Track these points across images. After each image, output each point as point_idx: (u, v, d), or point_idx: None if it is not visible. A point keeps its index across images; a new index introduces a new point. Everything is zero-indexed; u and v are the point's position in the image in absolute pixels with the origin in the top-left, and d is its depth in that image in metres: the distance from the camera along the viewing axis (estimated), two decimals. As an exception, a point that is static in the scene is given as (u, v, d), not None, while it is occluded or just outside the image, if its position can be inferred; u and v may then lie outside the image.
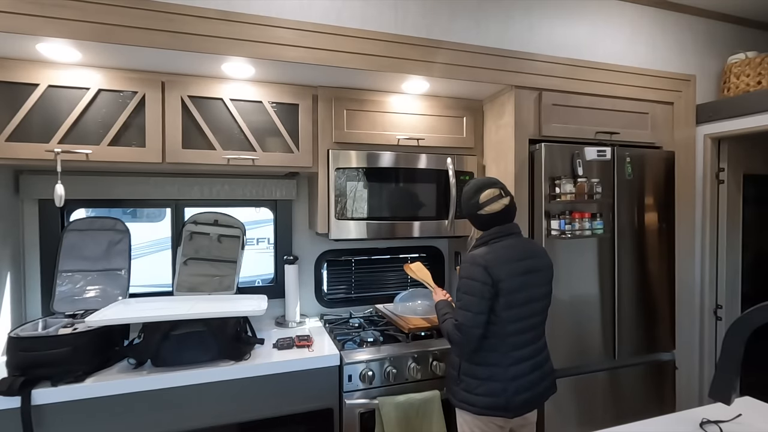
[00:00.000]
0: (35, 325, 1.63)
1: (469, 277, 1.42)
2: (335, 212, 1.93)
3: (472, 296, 1.40)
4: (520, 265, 1.45)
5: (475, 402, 1.43)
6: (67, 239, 1.84)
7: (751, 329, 0.97)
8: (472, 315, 1.39)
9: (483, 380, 1.43)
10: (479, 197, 1.50)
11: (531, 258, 1.49)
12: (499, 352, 1.43)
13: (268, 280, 2.34)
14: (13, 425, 1.36)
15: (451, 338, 1.43)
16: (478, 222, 1.54)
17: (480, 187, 1.52)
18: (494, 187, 1.52)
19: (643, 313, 2.09)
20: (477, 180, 1.57)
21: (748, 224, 2.41)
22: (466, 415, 1.47)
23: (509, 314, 1.42)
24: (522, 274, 1.44)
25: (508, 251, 1.45)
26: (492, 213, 1.49)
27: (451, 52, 1.86)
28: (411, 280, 2.57)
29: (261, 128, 1.87)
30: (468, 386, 1.45)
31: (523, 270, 1.45)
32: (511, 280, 1.41)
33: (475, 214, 1.52)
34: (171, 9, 1.51)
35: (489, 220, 1.50)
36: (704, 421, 1.22)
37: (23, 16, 1.37)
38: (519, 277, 1.43)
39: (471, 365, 1.46)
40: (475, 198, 1.51)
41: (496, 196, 1.50)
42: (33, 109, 1.59)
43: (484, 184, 1.54)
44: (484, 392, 1.42)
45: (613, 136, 2.10)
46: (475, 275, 1.40)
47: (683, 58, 2.34)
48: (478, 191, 1.52)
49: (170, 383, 1.53)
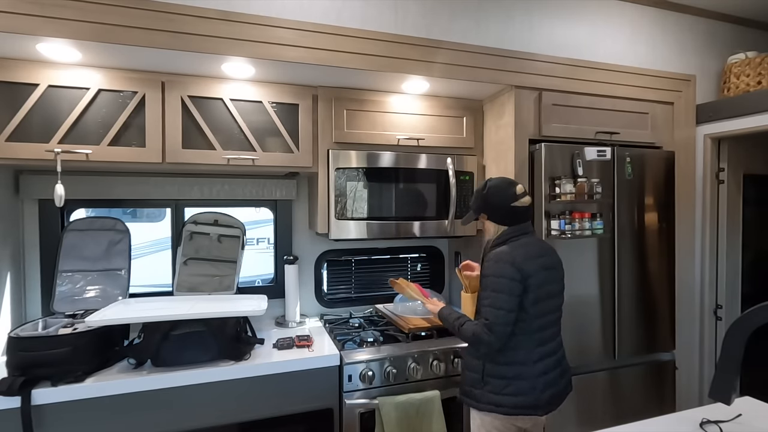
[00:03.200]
0: (35, 325, 1.63)
1: (497, 275, 1.40)
2: (335, 212, 1.93)
3: (502, 293, 1.38)
4: (541, 261, 1.46)
5: (503, 402, 1.41)
6: (67, 239, 1.84)
7: (751, 329, 0.97)
8: (505, 312, 1.37)
9: (510, 379, 1.41)
10: (515, 189, 1.50)
11: (546, 255, 1.50)
12: (525, 349, 1.42)
13: (268, 280, 2.34)
14: (13, 425, 1.35)
15: (480, 339, 1.39)
16: (509, 215, 1.51)
17: (512, 182, 1.54)
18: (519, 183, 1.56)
19: (643, 313, 2.09)
20: (500, 178, 1.57)
21: (748, 224, 2.41)
22: (490, 417, 1.44)
23: (536, 309, 1.42)
24: (544, 269, 1.46)
25: (528, 248, 1.46)
26: (526, 206, 1.51)
27: (451, 52, 1.86)
28: (411, 280, 2.56)
29: (261, 128, 1.87)
30: (494, 388, 1.43)
31: (544, 265, 1.47)
32: (537, 275, 1.42)
33: (509, 206, 1.49)
34: (171, 9, 1.51)
35: (522, 213, 1.50)
36: (704, 421, 1.22)
37: (23, 16, 1.37)
38: (543, 272, 1.45)
39: (496, 366, 1.43)
40: (510, 190, 1.50)
41: (525, 191, 1.53)
42: (33, 109, 1.59)
43: (512, 180, 1.55)
44: (512, 392, 1.40)
45: (613, 136, 2.10)
46: (504, 272, 1.39)
47: (683, 58, 2.34)
48: (511, 184, 1.52)
49: (170, 383, 1.53)
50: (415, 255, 2.58)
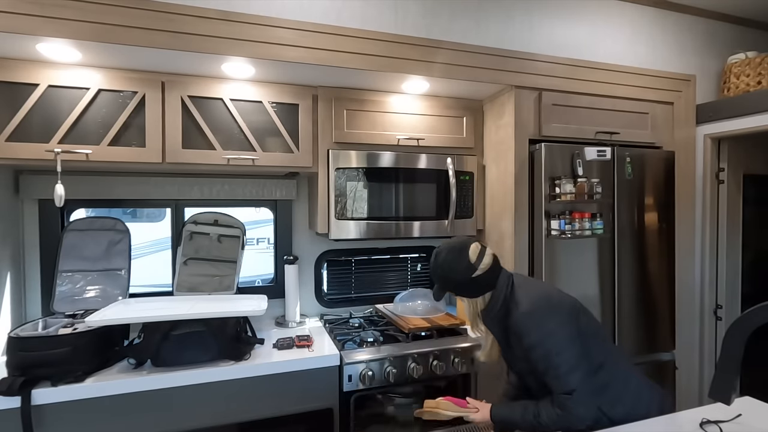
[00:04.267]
0: (35, 325, 1.63)
1: (538, 328, 1.18)
2: (335, 212, 1.93)
3: (563, 350, 1.16)
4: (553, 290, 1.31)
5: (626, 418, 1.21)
6: (67, 239, 1.84)
7: (751, 329, 0.97)
8: (575, 359, 1.16)
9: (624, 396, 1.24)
10: (468, 258, 1.24)
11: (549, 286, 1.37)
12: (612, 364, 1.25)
13: (268, 280, 2.34)
14: (13, 425, 1.35)
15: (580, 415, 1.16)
16: (479, 287, 1.26)
17: (462, 248, 1.27)
18: (473, 242, 1.29)
19: (643, 313, 2.09)
20: (447, 246, 1.29)
21: (748, 224, 2.41)
22: None
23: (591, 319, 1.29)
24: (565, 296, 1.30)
25: (530, 283, 1.30)
26: (490, 267, 1.26)
27: (451, 52, 1.86)
28: (411, 281, 2.57)
29: (261, 128, 1.87)
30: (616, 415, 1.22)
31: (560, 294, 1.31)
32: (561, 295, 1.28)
33: (469, 279, 1.24)
34: (171, 9, 1.51)
35: (492, 274, 1.27)
36: (704, 421, 1.22)
37: (23, 16, 1.37)
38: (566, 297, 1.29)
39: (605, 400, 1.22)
40: (462, 261, 1.24)
41: (482, 250, 1.28)
42: (33, 109, 1.59)
43: (463, 242, 1.29)
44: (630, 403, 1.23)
45: (613, 136, 2.10)
46: (543, 320, 1.18)
47: (683, 58, 2.34)
48: (462, 252, 1.26)
49: (170, 383, 1.53)
50: (415, 255, 2.58)
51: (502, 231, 2.03)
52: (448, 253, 1.28)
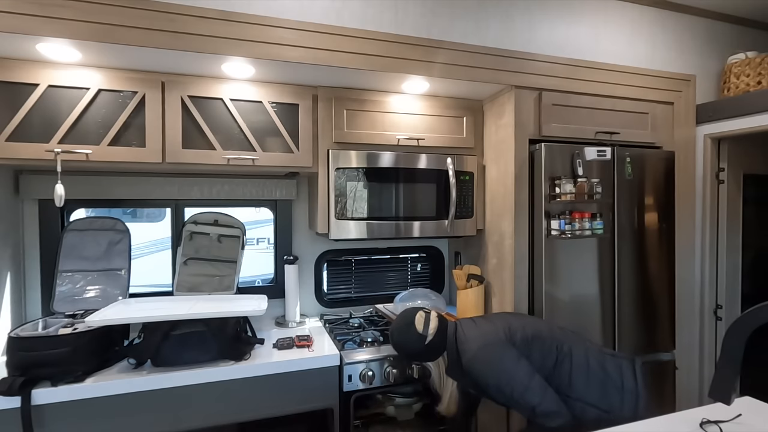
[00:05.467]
0: (35, 325, 1.63)
1: (484, 369, 1.30)
2: (335, 212, 1.93)
3: (515, 371, 1.27)
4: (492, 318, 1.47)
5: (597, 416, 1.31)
6: (67, 239, 1.84)
7: (751, 329, 0.97)
8: (527, 377, 1.26)
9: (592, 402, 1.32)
10: (415, 328, 1.40)
11: None
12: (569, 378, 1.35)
13: (268, 280, 2.34)
14: (13, 425, 1.35)
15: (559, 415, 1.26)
16: (435, 351, 1.42)
17: (408, 322, 1.43)
18: (415, 311, 1.45)
19: (643, 313, 2.09)
20: (396, 324, 1.48)
21: (748, 224, 2.40)
22: None
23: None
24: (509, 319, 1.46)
25: (469, 326, 1.44)
26: (438, 328, 1.42)
27: (451, 52, 1.86)
28: (411, 281, 2.57)
29: (261, 128, 1.87)
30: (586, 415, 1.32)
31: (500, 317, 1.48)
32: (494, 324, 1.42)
33: (425, 347, 1.40)
34: (171, 9, 1.51)
35: (441, 337, 1.42)
36: (704, 421, 1.22)
37: (23, 16, 1.37)
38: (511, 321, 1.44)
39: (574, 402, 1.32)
40: (411, 334, 1.41)
41: (427, 316, 1.43)
42: (33, 109, 1.59)
43: (407, 317, 1.45)
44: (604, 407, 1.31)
45: (613, 136, 2.10)
46: (485, 359, 1.30)
47: (683, 58, 2.34)
48: (409, 326, 1.42)
49: (170, 383, 1.53)
50: (415, 255, 2.58)
51: (502, 231, 2.03)
52: (399, 334, 1.45)
